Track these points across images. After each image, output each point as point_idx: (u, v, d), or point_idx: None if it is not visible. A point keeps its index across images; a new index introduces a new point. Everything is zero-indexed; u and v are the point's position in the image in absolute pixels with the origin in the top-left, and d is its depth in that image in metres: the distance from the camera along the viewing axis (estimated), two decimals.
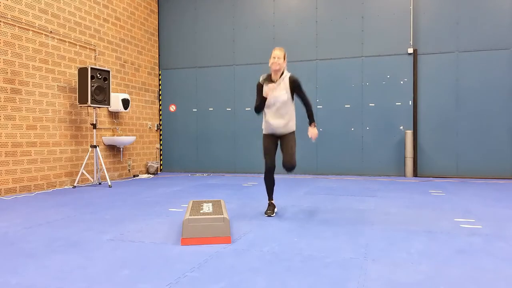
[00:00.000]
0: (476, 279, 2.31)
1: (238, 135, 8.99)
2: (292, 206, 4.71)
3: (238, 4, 8.96)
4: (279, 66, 3.92)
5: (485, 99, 7.61)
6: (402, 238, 3.21)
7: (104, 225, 3.76)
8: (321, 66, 8.45)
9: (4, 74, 5.70)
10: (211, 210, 3.37)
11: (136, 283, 2.29)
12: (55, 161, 6.52)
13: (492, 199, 5.14)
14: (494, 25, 7.55)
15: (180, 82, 9.40)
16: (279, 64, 3.92)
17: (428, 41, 7.89)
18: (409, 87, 7.98)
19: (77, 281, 2.33)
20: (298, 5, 8.58)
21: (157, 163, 8.91)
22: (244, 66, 8.94)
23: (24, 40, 6.01)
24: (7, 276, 2.42)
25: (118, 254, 2.84)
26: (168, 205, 4.85)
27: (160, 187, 6.56)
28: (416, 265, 2.56)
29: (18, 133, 5.92)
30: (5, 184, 5.70)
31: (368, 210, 4.44)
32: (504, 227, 3.59)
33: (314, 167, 8.50)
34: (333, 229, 3.55)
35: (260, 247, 2.98)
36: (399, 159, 8.03)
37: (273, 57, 3.93)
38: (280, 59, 3.91)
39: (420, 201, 4.99)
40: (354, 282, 2.27)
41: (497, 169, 7.55)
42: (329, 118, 8.40)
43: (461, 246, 2.99)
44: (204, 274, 2.42)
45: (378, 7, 8.14)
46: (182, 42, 9.35)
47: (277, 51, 3.94)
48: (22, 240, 3.25)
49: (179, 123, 9.43)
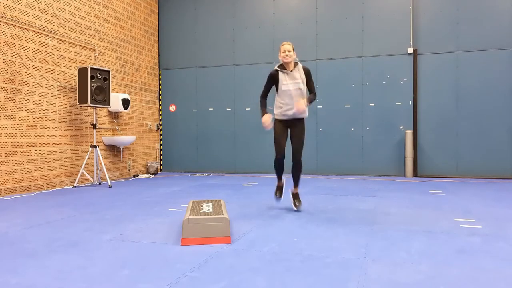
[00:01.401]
0: (476, 279, 2.31)
1: (238, 135, 8.99)
2: (292, 206, 4.71)
3: (238, 4, 8.96)
4: (291, 58, 4.20)
5: (485, 99, 7.61)
6: (402, 238, 3.21)
7: (104, 225, 3.76)
8: (321, 66, 8.45)
9: (4, 74, 5.70)
10: (211, 210, 3.37)
11: (136, 283, 2.29)
12: (55, 161, 6.52)
13: (492, 199, 5.14)
14: (494, 25, 7.55)
15: (180, 82, 9.40)
16: (290, 57, 4.19)
17: (428, 41, 7.89)
18: (409, 87, 7.98)
19: (77, 281, 2.33)
20: (298, 5, 8.58)
21: (157, 163, 8.91)
22: (244, 66, 8.94)
23: (24, 40, 6.01)
24: (7, 276, 2.42)
25: (118, 254, 2.84)
26: (168, 205, 4.85)
27: (160, 187, 6.56)
28: (416, 265, 2.56)
29: (18, 133, 5.92)
30: (5, 184, 5.70)
31: (368, 210, 4.44)
32: (504, 227, 3.59)
33: (314, 167, 8.50)
34: (333, 229, 3.55)
35: (260, 247, 2.98)
36: (399, 159, 8.03)
37: (283, 51, 4.21)
38: (290, 51, 4.19)
39: (420, 201, 4.99)
40: (354, 282, 2.27)
41: (497, 169, 7.55)
42: (329, 118, 8.40)
43: (461, 246, 2.99)
44: (204, 274, 2.42)
45: (378, 7, 8.14)
46: (182, 42, 9.35)
47: (286, 45, 4.21)
48: (22, 240, 3.25)
49: (179, 123, 9.43)
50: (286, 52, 4.17)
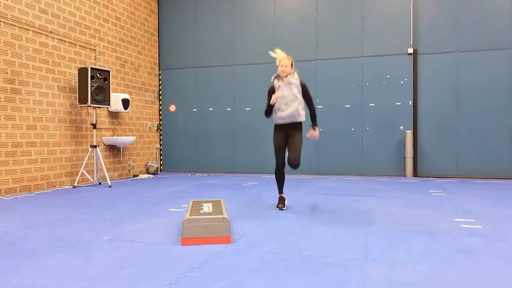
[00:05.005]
0: (476, 279, 2.31)
1: (238, 135, 8.99)
2: (292, 206, 4.71)
3: (238, 4, 8.96)
4: (287, 73, 4.33)
5: (485, 99, 7.61)
6: (402, 238, 3.21)
7: (104, 225, 3.76)
8: (321, 66, 8.45)
9: (4, 74, 5.70)
10: (211, 210, 3.37)
11: (136, 283, 2.29)
12: (55, 161, 6.52)
13: (492, 199, 5.14)
14: (494, 25, 7.55)
15: (180, 82, 9.40)
16: (286, 72, 4.32)
17: (428, 41, 7.89)
18: (409, 87, 7.98)
19: (77, 281, 2.33)
20: (298, 5, 8.58)
21: (157, 163, 8.91)
22: (244, 66, 8.94)
23: (24, 40, 6.01)
24: (7, 276, 2.42)
25: (118, 254, 2.84)
26: (168, 205, 4.85)
27: (160, 187, 6.56)
28: (416, 265, 2.56)
29: (18, 133, 5.92)
30: (5, 184, 5.70)
31: (368, 210, 4.44)
32: (504, 227, 3.59)
33: (314, 167, 8.50)
34: (333, 229, 3.55)
35: (260, 247, 2.98)
36: (399, 159, 8.03)
37: (281, 66, 4.33)
38: (287, 67, 4.31)
39: (420, 201, 4.99)
40: (354, 282, 2.27)
41: (497, 169, 7.55)
42: (329, 118, 8.39)
43: (461, 246, 2.99)
44: (204, 274, 2.42)
45: (378, 7, 8.14)
46: (182, 42, 9.35)
47: (285, 60, 4.33)
48: (22, 240, 3.25)
49: (179, 123, 9.43)
50: (284, 67, 4.30)
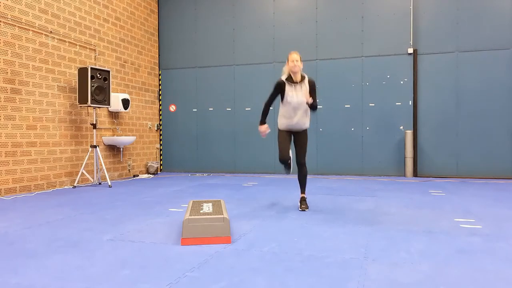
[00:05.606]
0: (476, 279, 2.31)
1: (238, 135, 8.99)
2: (292, 206, 4.71)
3: (238, 4, 8.96)
4: (299, 68, 4.29)
5: (485, 99, 7.61)
6: (402, 238, 3.21)
7: (104, 225, 3.76)
8: (321, 66, 8.45)
9: (4, 74, 5.70)
10: (211, 210, 3.37)
11: (136, 283, 2.29)
12: (55, 161, 6.52)
13: (492, 199, 5.14)
14: (494, 25, 7.55)
15: (180, 82, 9.40)
16: (298, 66, 4.28)
17: (428, 41, 7.88)
18: (409, 87, 7.98)
19: (77, 281, 2.33)
20: (298, 5, 8.58)
21: (157, 163, 8.91)
22: (244, 66, 8.94)
23: (24, 40, 6.01)
24: (7, 276, 2.42)
25: (118, 254, 2.84)
26: (168, 205, 4.85)
27: (160, 187, 6.56)
28: (416, 265, 2.56)
29: (18, 133, 5.92)
30: (5, 184, 5.70)
31: (368, 210, 4.44)
32: (504, 227, 3.59)
33: (314, 167, 8.49)
34: (333, 229, 3.55)
35: (260, 247, 2.98)
36: (399, 159, 8.03)
37: (292, 61, 4.27)
38: (298, 61, 4.27)
39: (420, 201, 4.99)
40: (354, 282, 2.27)
41: (497, 169, 7.55)
42: (329, 118, 8.39)
43: (461, 246, 2.99)
44: (204, 274, 2.42)
45: (378, 7, 8.14)
46: (182, 42, 9.35)
47: (295, 55, 4.28)
48: (22, 240, 3.25)
49: (179, 123, 9.43)
50: (295, 61, 4.24)
